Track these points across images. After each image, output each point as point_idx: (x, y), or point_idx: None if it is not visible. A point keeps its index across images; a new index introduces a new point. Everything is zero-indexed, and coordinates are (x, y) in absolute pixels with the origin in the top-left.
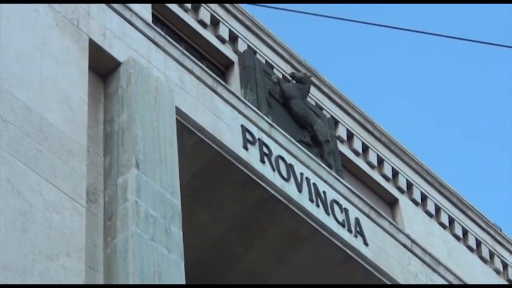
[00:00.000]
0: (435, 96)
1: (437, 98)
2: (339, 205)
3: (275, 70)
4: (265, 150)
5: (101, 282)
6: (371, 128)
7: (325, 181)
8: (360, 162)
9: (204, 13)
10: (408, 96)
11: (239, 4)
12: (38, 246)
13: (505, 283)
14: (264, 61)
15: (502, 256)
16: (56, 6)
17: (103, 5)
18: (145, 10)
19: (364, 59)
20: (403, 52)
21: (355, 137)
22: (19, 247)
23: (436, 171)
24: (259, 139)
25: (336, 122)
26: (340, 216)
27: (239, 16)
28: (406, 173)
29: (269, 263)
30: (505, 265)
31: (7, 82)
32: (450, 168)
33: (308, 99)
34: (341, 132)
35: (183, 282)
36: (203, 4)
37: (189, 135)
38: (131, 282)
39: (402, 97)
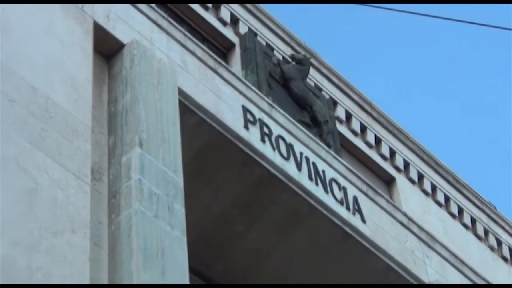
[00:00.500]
0: (432, 75)
1: (434, 77)
2: (338, 184)
3: (275, 52)
4: (265, 130)
5: (105, 258)
6: (369, 109)
7: (324, 160)
8: (358, 142)
9: None
10: (405, 76)
11: None
12: (44, 223)
13: (499, 259)
14: (264, 43)
15: (497, 234)
16: None
17: None
18: None
19: (362, 40)
20: (401, 33)
21: (353, 118)
22: (25, 224)
23: (432, 150)
24: (259, 119)
25: (334, 103)
26: (339, 194)
27: None
28: (403, 153)
29: (270, 240)
30: (499, 242)
31: (14, 64)
32: (446, 148)
33: (308, 80)
34: (340, 112)
35: (186, 258)
36: None
37: (191, 115)
38: (134, 258)
39: (400, 78)
